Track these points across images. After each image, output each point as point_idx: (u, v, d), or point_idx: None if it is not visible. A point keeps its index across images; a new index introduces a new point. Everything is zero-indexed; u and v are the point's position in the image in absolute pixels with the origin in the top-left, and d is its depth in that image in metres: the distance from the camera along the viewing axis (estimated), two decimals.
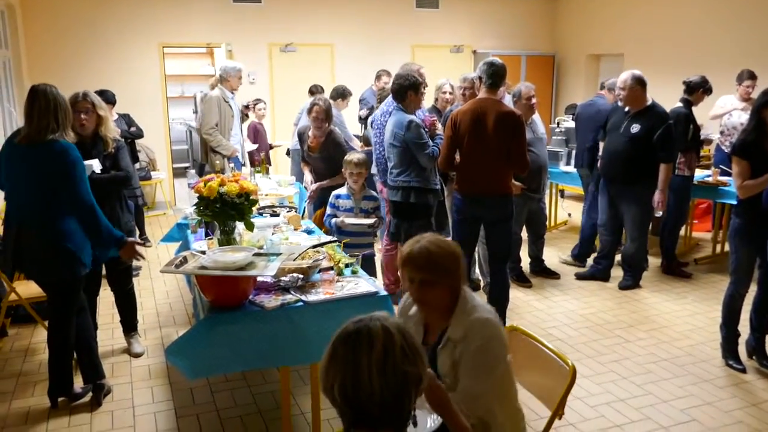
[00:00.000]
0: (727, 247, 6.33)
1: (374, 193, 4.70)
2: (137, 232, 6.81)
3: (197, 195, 3.46)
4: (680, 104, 5.63)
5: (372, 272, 4.60)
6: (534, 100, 5.36)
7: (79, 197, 3.32)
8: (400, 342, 1.40)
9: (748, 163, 3.76)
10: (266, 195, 5.23)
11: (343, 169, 4.74)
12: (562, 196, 8.58)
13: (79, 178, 3.33)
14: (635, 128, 5.13)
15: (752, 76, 6.61)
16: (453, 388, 2.16)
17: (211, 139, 6.20)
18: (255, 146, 7.54)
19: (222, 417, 3.56)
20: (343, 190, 4.74)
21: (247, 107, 6.90)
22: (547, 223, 6.54)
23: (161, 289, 5.66)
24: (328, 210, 4.72)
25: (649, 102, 5.20)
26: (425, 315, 2.30)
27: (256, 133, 7.88)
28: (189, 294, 5.13)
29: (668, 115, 5.18)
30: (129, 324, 4.41)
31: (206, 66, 12.06)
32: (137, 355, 4.30)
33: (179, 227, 4.63)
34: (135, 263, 5.69)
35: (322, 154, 5.15)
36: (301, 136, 5.42)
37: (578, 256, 6.21)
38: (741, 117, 6.51)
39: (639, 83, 5.15)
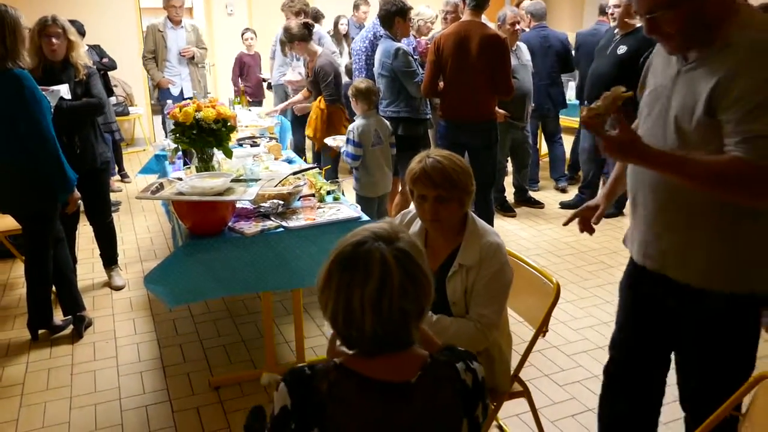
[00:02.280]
0: None
1: (348, 126, 4.40)
2: (116, 167, 6.72)
3: (173, 122, 3.34)
4: None
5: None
6: (518, 26, 5.22)
7: (37, 128, 3.15)
8: (400, 277, 1.26)
9: None
10: (246, 126, 5.10)
11: None
12: None
13: (36, 109, 3.15)
14: (621, 50, 4.98)
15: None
16: (461, 315, 2.12)
17: (144, 66, 6.80)
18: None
19: (205, 346, 3.55)
20: None
21: (187, 55, 6.63)
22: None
23: (142, 224, 5.58)
24: None
25: (639, 24, 5.06)
26: (435, 236, 2.20)
27: (242, 66, 7.55)
28: (170, 228, 5.06)
29: None
30: (109, 257, 4.34)
31: None
32: (118, 288, 4.25)
33: (157, 159, 4.53)
34: (113, 198, 5.61)
35: (313, 79, 5.12)
36: (303, 61, 5.54)
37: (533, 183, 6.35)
38: None
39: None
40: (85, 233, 4.70)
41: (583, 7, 10.14)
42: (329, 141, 4.59)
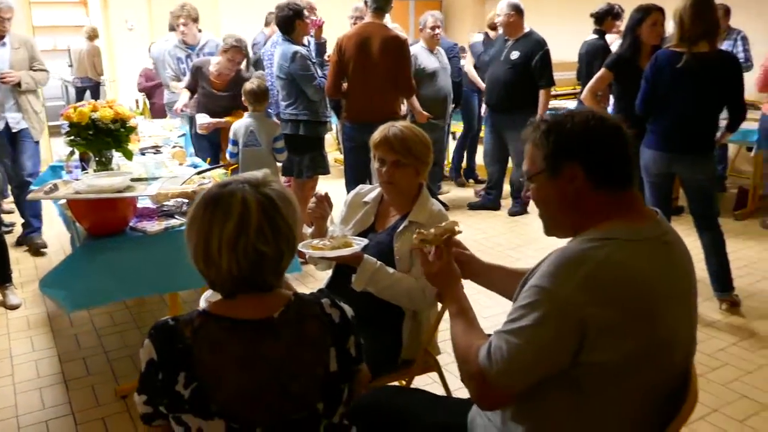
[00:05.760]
0: None
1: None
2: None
3: (68, 123, 3.21)
4: (594, 36, 5.61)
5: None
6: (438, 31, 5.43)
7: None
8: (258, 220, 1.30)
9: (613, 78, 4.06)
10: (150, 136, 4.96)
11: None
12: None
13: None
14: (515, 55, 5.25)
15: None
16: (406, 271, 2.26)
17: None
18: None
19: (111, 358, 3.40)
20: None
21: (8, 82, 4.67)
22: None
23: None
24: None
25: (527, 29, 5.34)
26: (389, 200, 2.40)
27: (148, 79, 7.23)
28: (69, 241, 4.83)
29: (545, 42, 5.33)
30: (2, 275, 4.10)
31: (81, 16, 11.24)
32: (13, 307, 4.01)
33: (53, 170, 4.29)
34: (6, 219, 5.32)
35: (231, 92, 4.80)
36: (200, 71, 4.86)
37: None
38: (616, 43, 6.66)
39: (515, 10, 5.27)
40: None
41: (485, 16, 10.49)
42: None
